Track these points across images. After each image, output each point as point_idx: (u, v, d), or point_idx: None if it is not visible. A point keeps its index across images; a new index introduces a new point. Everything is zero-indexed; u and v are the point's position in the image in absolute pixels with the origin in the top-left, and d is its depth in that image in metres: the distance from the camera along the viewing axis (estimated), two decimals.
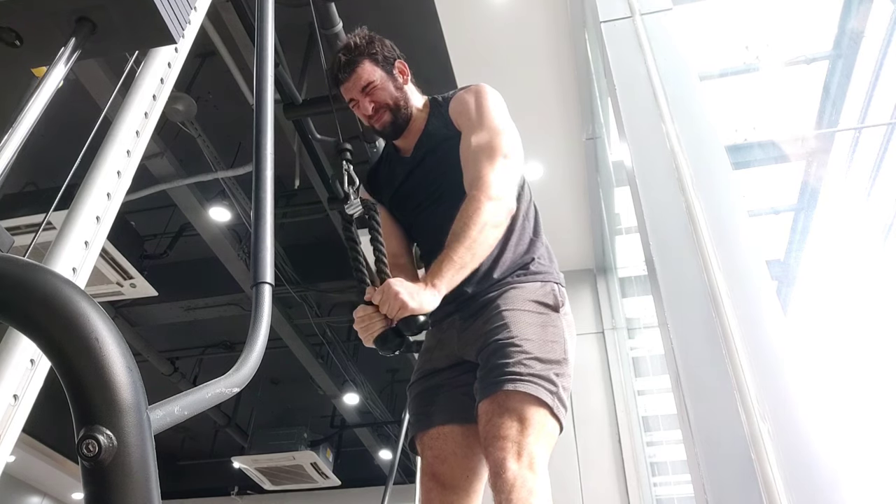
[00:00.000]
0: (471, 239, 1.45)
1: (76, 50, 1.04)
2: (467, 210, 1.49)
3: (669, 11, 2.20)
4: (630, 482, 4.11)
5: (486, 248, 1.49)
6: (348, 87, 1.72)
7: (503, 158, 1.57)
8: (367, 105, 1.69)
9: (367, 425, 7.43)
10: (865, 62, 2.91)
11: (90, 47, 1.09)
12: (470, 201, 1.50)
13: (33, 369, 1.05)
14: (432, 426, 1.57)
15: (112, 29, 1.10)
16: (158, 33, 1.13)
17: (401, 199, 1.79)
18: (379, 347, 1.46)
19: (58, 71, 1.01)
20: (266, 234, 0.99)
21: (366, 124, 1.76)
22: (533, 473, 1.29)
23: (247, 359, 0.81)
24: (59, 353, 0.55)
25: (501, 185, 1.52)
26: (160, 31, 1.12)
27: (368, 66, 1.69)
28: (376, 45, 1.72)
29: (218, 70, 4.14)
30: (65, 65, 1.02)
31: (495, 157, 1.56)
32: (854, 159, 3.17)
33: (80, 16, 1.06)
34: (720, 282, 1.48)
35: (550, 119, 4.04)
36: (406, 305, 1.37)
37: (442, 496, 1.51)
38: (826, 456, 1.21)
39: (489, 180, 1.51)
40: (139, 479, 0.54)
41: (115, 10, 1.08)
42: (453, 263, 1.44)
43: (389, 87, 1.70)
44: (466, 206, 1.50)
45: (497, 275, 1.58)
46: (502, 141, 1.60)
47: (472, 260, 1.46)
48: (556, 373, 1.42)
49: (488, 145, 1.57)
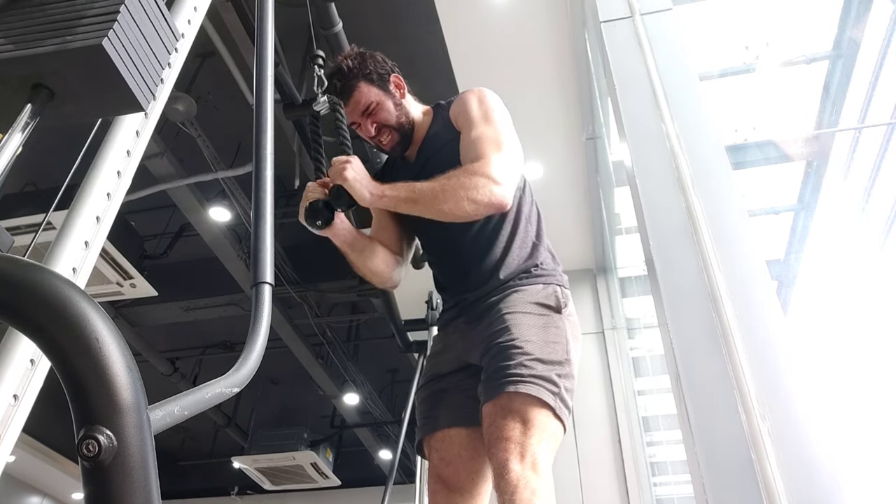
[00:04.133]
0: (441, 189, 1.47)
1: (34, 117, 0.97)
2: (459, 172, 1.50)
3: (669, 11, 2.19)
4: (630, 482, 4.11)
5: (447, 211, 1.48)
6: (348, 111, 1.73)
7: (507, 151, 1.56)
8: (370, 127, 1.70)
9: (367, 425, 7.43)
10: (865, 62, 2.91)
11: (49, 114, 1.01)
12: (466, 169, 1.51)
13: (33, 369, 1.05)
14: (438, 429, 1.57)
15: (72, 96, 1.02)
16: (125, 101, 1.04)
17: None
18: (308, 217, 1.59)
19: (14, 139, 0.94)
20: (266, 234, 0.99)
21: (372, 145, 1.77)
22: (536, 474, 1.29)
23: (247, 359, 0.81)
24: (59, 354, 0.55)
25: (502, 171, 1.51)
26: (126, 98, 1.03)
27: (365, 88, 1.68)
28: (369, 63, 1.71)
29: (218, 70, 4.13)
30: (21, 132, 0.95)
31: (500, 147, 1.55)
32: (854, 159, 3.17)
33: (36, 82, 0.99)
34: (720, 282, 1.48)
35: (550, 119, 4.04)
36: (345, 173, 1.50)
37: (448, 498, 1.52)
38: (826, 456, 1.21)
39: (492, 160, 1.51)
40: (139, 479, 0.54)
41: (74, 78, 1.00)
42: (409, 191, 1.50)
43: (389, 105, 1.70)
44: (460, 170, 1.50)
45: (501, 277, 1.59)
46: (505, 137, 1.60)
47: (425, 205, 1.48)
48: (558, 373, 1.42)
49: (493, 138, 1.57)
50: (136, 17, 1.04)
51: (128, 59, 1.01)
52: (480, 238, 1.62)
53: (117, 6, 1.01)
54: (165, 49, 1.12)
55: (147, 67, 1.06)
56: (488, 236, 1.62)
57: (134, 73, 1.02)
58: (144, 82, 1.05)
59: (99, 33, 0.97)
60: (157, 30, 1.10)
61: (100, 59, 0.97)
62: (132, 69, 1.02)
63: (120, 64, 0.99)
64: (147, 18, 1.07)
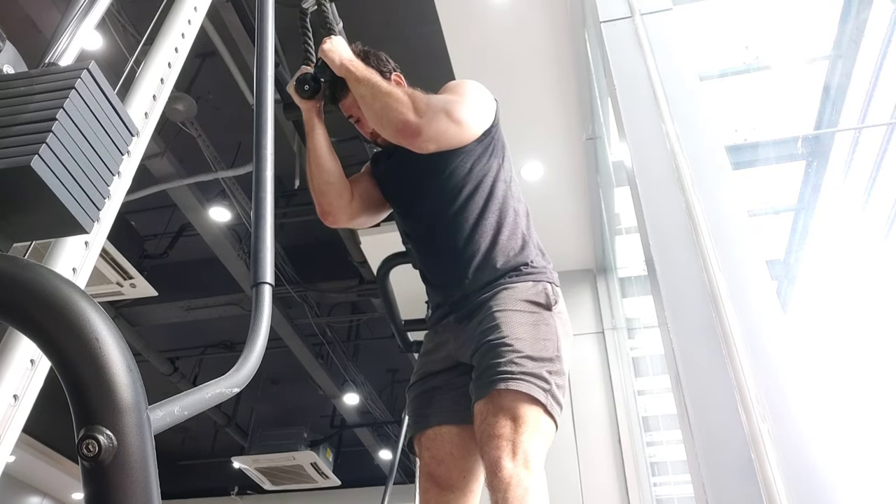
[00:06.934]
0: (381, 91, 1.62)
1: None
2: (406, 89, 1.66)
3: (669, 11, 2.19)
4: (630, 482, 4.10)
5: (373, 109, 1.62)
6: (346, 104, 1.76)
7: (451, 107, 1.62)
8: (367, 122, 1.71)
9: (367, 425, 7.43)
10: (865, 62, 2.91)
11: None
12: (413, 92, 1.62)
13: (33, 369, 1.05)
14: (429, 427, 1.58)
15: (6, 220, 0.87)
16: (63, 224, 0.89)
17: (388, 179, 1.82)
18: (297, 88, 1.78)
19: None
20: (266, 234, 0.99)
21: (368, 139, 1.79)
22: (528, 471, 1.29)
23: (247, 359, 0.81)
24: (59, 354, 0.55)
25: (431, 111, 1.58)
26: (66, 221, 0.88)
27: None
28: (371, 60, 1.75)
29: (218, 70, 4.14)
30: None
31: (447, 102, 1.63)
32: (854, 159, 3.18)
33: None
34: (720, 282, 1.48)
35: (550, 119, 4.04)
36: (323, 45, 1.72)
37: (439, 497, 1.52)
38: (826, 456, 1.21)
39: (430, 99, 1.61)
40: (139, 479, 0.54)
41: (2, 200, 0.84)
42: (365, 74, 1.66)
43: None
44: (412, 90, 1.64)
45: (490, 274, 1.58)
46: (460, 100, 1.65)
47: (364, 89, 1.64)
48: (548, 370, 1.43)
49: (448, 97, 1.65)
50: (79, 123, 0.88)
51: (66, 175, 0.86)
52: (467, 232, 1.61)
53: (53, 113, 0.84)
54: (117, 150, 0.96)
55: (92, 181, 0.90)
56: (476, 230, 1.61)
57: (75, 190, 0.87)
58: (89, 199, 0.89)
59: (29, 151, 0.82)
60: (107, 129, 0.93)
61: (30, 182, 0.82)
62: (72, 187, 0.86)
63: (55, 184, 0.84)
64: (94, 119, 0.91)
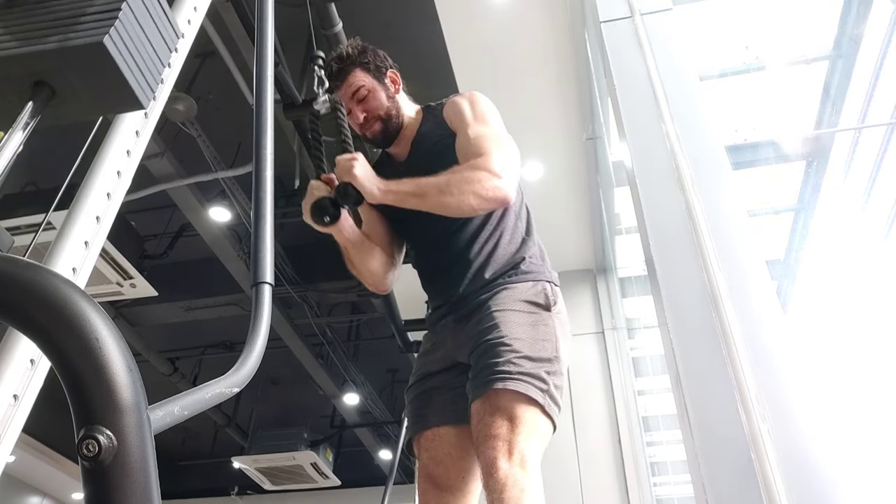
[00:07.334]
0: (446, 184, 1.48)
1: (35, 116, 0.97)
2: (463, 168, 1.52)
3: (669, 11, 2.20)
4: (630, 482, 4.10)
5: (452, 205, 1.49)
6: (341, 94, 1.75)
7: (507, 148, 1.59)
8: (359, 114, 1.71)
9: (367, 425, 7.43)
10: (865, 62, 2.91)
11: (50, 112, 1.00)
12: (469, 164, 1.52)
13: (33, 369, 1.05)
14: (427, 428, 1.57)
15: (73, 94, 1.01)
16: (125, 99, 1.04)
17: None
18: (314, 214, 1.58)
19: (16, 137, 0.94)
20: (266, 234, 0.99)
21: (358, 133, 1.78)
22: (524, 472, 1.29)
23: (247, 359, 0.81)
24: (59, 354, 0.55)
25: (505, 166, 1.52)
26: (127, 96, 1.03)
27: (359, 74, 1.71)
28: (368, 54, 1.74)
29: (218, 70, 4.13)
30: (22, 130, 0.95)
31: (500, 144, 1.58)
32: (854, 159, 3.18)
33: (37, 80, 0.98)
34: (720, 282, 1.48)
35: (550, 119, 4.04)
36: (354, 170, 1.51)
37: (438, 498, 1.52)
38: (826, 456, 1.21)
39: (494, 156, 1.52)
40: (139, 479, 0.54)
41: (75, 76, 0.99)
42: (415, 186, 1.51)
43: (381, 96, 1.71)
44: (464, 166, 1.52)
45: (489, 274, 1.58)
46: (504, 135, 1.62)
47: (431, 198, 1.50)
48: (546, 371, 1.42)
49: (493, 136, 1.59)
50: (138, 15, 1.03)
51: (129, 56, 1.00)
52: (467, 232, 1.62)
53: (119, 3, 1.00)
54: (167, 47, 1.11)
55: (148, 65, 1.05)
56: (475, 230, 1.62)
57: (135, 70, 1.02)
58: (146, 80, 1.04)
59: (100, 30, 0.97)
60: (159, 27, 1.09)
61: (101, 57, 0.97)
62: (133, 67, 1.01)
63: (121, 61, 0.99)
64: (149, 16, 1.07)
